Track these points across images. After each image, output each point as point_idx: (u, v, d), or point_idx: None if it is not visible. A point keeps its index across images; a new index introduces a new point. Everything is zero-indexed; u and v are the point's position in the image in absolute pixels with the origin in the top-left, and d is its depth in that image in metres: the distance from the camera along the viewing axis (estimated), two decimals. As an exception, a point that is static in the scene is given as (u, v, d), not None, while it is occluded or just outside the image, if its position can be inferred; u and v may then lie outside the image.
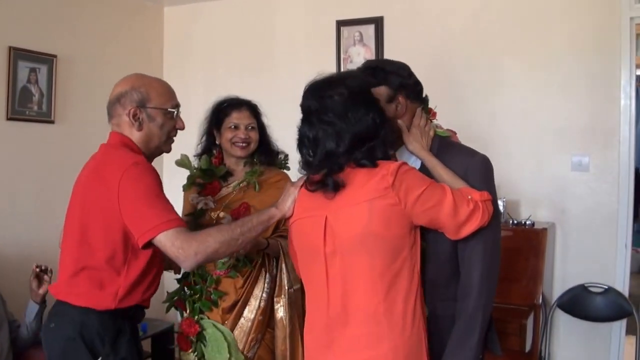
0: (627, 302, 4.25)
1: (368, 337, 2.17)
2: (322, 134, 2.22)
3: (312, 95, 2.29)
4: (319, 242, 2.23)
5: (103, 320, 2.43)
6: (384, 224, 2.16)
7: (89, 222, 2.45)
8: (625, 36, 4.28)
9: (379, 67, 2.52)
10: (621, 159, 4.31)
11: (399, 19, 4.95)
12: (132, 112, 2.53)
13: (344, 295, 2.20)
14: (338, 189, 2.19)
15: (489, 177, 2.46)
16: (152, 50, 5.81)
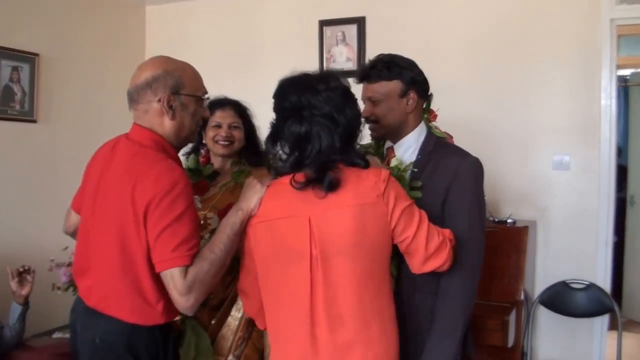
0: (608, 298, 4.30)
1: (361, 342, 2.13)
2: (316, 129, 2.14)
3: (303, 89, 2.19)
4: (303, 245, 2.12)
5: (152, 336, 2.30)
6: (375, 229, 2.15)
7: (128, 230, 2.23)
8: (606, 37, 4.33)
9: (393, 62, 2.56)
10: (602, 158, 4.36)
11: (381, 19, 4.99)
12: (165, 99, 2.30)
13: (328, 300, 2.11)
14: (333, 188, 2.11)
15: (478, 179, 2.54)
16: (135, 50, 5.79)
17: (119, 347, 2.26)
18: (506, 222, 4.28)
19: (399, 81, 2.54)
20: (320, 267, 2.11)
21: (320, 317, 2.12)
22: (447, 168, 2.50)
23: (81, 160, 4.85)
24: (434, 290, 2.45)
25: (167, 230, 2.15)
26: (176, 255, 2.14)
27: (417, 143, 2.62)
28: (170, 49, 5.60)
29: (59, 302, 3.95)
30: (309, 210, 2.13)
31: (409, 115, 2.59)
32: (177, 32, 5.78)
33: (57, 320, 4.24)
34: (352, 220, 2.11)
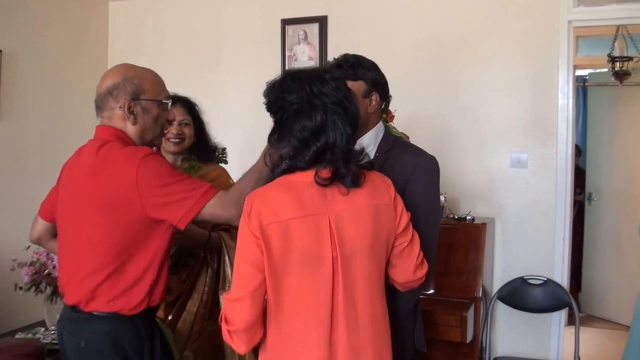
0: (565, 294, 4.37)
1: (373, 342, 2.13)
2: (332, 118, 2.07)
3: (312, 80, 2.11)
4: (323, 246, 2.04)
5: (136, 329, 2.37)
6: (386, 231, 2.17)
7: (106, 222, 2.31)
8: (563, 39, 4.41)
9: (358, 63, 2.61)
10: (559, 156, 4.44)
11: (342, 18, 5.02)
12: (126, 105, 2.40)
13: (348, 303, 2.07)
14: (356, 184, 2.09)
15: (434, 176, 2.63)
16: (98, 45, 5.75)
17: (104, 348, 2.32)
18: (465, 219, 4.34)
19: (363, 82, 2.59)
20: (341, 269, 2.06)
21: (340, 320, 2.07)
22: (404, 166, 2.58)
23: (45, 158, 4.90)
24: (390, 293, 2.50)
25: (173, 190, 2.28)
26: (202, 192, 2.29)
27: (376, 142, 2.69)
28: (133, 45, 5.68)
29: (22, 302, 3.95)
30: (328, 208, 2.07)
31: (370, 115, 2.64)
32: (140, 28, 5.75)
33: (20, 321, 4.21)
34: (370, 221, 2.11)
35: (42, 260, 3.71)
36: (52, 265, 3.66)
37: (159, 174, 2.28)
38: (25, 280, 3.71)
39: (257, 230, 1.99)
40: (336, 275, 2.05)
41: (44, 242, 2.76)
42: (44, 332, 3.85)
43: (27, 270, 3.71)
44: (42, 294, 3.76)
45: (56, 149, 4.99)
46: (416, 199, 2.50)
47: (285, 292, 2.03)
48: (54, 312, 3.74)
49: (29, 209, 2.79)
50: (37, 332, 3.85)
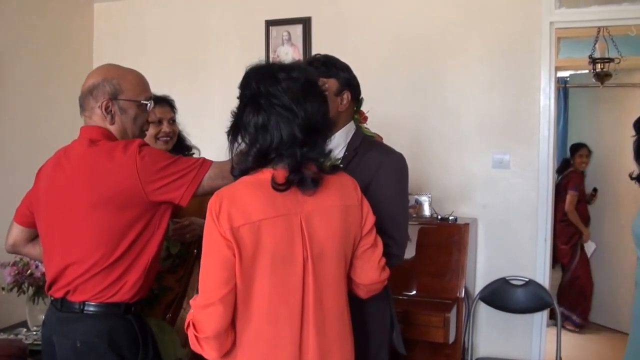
0: (547, 294, 4.39)
1: (340, 343, 2.15)
2: (275, 119, 2.02)
3: (263, 77, 2.08)
4: (294, 246, 2.03)
5: (130, 327, 2.42)
6: (353, 232, 2.18)
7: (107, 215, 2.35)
8: (545, 40, 4.42)
9: (330, 62, 2.64)
10: (541, 157, 4.46)
11: (326, 19, 5.01)
12: (104, 105, 2.44)
13: (317, 304, 2.06)
14: (317, 185, 2.06)
15: (402, 174, 2.62)
16: (82, 47, 5.71)
17: (101, 346, 2.34)
18: (448, 219, 4.35)
19: (335, 80, 2.62)
20: (311, 270, 2.05)
21: (310, 322, 2.06)
22: (370, 163, 2.58)
23: (25, 158, 4.85)
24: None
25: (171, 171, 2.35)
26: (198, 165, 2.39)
27: (346, 141, 2.69)
28: (118, 46, 5.66)
29: (4, 302, 3.93)
30: (299, 208, 2.05)
31: (341, 113, 2.65)
32: (124, 30, 5.72)
33: (1, 321, 4.18)
34: (339, 221, 2.12)
35: (25, 260, 3.70)
36: (35, 266, 3.65)
37: (155, 160, 2.34)
38: (8, 280, 3.70)
39: (227, 232, 1.93)
40: (306, 276, 2.04)
41: (20, 248, 2.75)
42: (26, 332, 3.84)
43: (9, 271, 3.70)
44: (24, 295, 3.75)
45: (39, 150, 4.94)
46: (380, 196, 2.49)
47: (256, 294, 2.00)
48: (36, 313, 3.73)
49: (11, 209, 2.77)
50: (19, 333, 3.83)
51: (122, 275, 2.39)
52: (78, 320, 2.39)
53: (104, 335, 2.35)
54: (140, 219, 2.38)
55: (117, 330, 2.38)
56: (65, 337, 2.41)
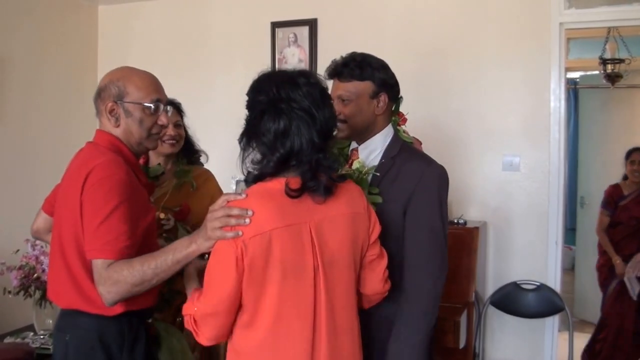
0: (559, 299, 4.34)
1: (352, 352, 2.16)
2: (296, 124, 2.00)
3: (282, 82, 2.05)
4: (305, 255, 2.00)
5: (120, 327, 2.35)
6: (361, 239, 2.16)
7: (75, 219, 2.28)
8: (555, 41, 4.39)
9: (366, 62, 2.54)
10: (551, 159, 4.41)
11: (332, 21, 4.99)
12: (108, 107, 2.40)
13: (329, 312, 2.05)
14: (330, 192, 2.05)
15: (442, 186, 2.51)
16: (87, 50, 5.70)
17: (89, 341, 2.31)
18: (457, 222, 4.30)
19: (370, 82, 2.51)
20: (322, 279, 2.03)
21: (322, 331, 2.04)
22: (410, 175, 2.47)
23: (33, 162, 4.85)
24: (389, 299, 2.46)
25: (102, 222, 2.20)
26: (104, 248, 2.18)
27: (383, 146, 2.58)
28: (123, 49, 5.64)
29: (11, 306, 3.91)
30: (308, 217, 2.03)
31: (378, 117, 2.56)
32: (129, 32, 5.72)
33: (8, 325, 4.17)
34: (348, 229, 2.10)
35: (31, 264, 3.68)
36: (42, 269, 3.62)
37: (102, 203, 2.21)
38: (14, 284, 3.67)
39: (239, 243, 1.91)
40: (318, 285, 2.02)
41: (42, 235, 2.81)
42: (33, 336, 3.81)
43: (16, 274, 3.67)
44: (31, 298, 3.72)
45: (47, 154, 4.97)
46: (422, 211, 2.44)
47: (266, 303, 1.97)
48: (43, 316, 3.71)
49: (17, 213, 2.77)
50: (25, 337, 3.81)
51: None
52: (70, 315, 2.37)
53: (94, 331, 2.32)
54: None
55: (107, 328, 2.34)
56: (59, 331, 2.41)
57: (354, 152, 2.65)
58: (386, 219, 2.37)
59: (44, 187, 2.65)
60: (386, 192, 2.46)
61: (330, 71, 2.58)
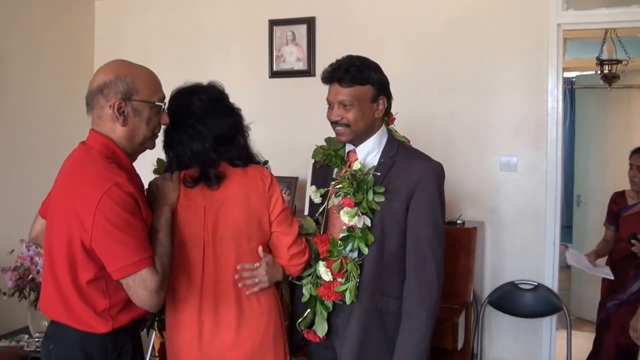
0: (556, 298, 4.33)
1: (237, 320, 2.45)
2: (185, 137, 2.45)
3: (177, 101, 2.53)
4: (197, 231, 2.43)
5: (105, 341, 2.29)
6: (261, 215, 2.48)
7: (71, 237, 2.20)
8: (552, 41, 4.38)
9: (365, 66, 2.58)
10: (549, 159, 4.41)
11: (330, 19, 4.97)
12: (116, 106, 2.27)
13: (216, 279, 2.45)
14: (219, 181, 2.44)
15: (441, 182, 2.64)
16: (83, 45, 5.65)
17: (71, 351, 2.27)
18: (455, 222, 4.29)
19: (370, 86, 2.57)
20: (211, 250, 2.43)
21: (208, 294, 2.43)
22: (411, 173, 2.56)
23: (27, 162, 4.81)
24: (397, 295, 2.51)
25: (117, 237, 2.14)
26: (139, 258, 2.15)
27: (380, 146, 2.67)
28: (119, 45, 5.61)
29: (5, 308, 3.88)
30: (204, 200, 2.44)
31: (377, 120, 2.63)
32: (125, 28, 5.67)
33: (2, 327, 4.14)
34: (241, 208, 2.45)
35: (26, 265, 3.65)
36: (36, 271, 3.60)
37: (117, 213, 2.14)
38: (9, 285, 3.65)
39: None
40: (207, 255, 2.43)
41: (41, 241, 2.62)
42: (28, 339, 3.79)
43: (10, 275, 3.65)
44: (26, 300, 3.70)
45: (39, 152, 4.94)
46: (423, 206, 2.54)
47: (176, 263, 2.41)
48: (38, 319, 3.68)
49: (11, 213, 2.74)
50: (20, 340, 3.79)
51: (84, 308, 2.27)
52: (57, 325, 2.32)
53: (77, 342, 2.26)
54: (86, 254, 2.22)
55: (90, 342, 2.27)
56: (46, 339, 2.38)
57: (351, 154, 2.71)
58: (390, 216, 2.54)
59: (39, 187, 2.60)
60: (389, 190, 2.55)
61: (329, 76, 2.63)
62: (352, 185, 2.55)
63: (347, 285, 2.55)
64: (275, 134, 4.86)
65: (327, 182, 2.75)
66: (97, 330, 2.26)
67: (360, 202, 2.54)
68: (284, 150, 4.63)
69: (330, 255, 2.59)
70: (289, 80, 5.11)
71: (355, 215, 2.53)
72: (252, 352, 2.46)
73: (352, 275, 2.54)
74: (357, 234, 2.55)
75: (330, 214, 2.72)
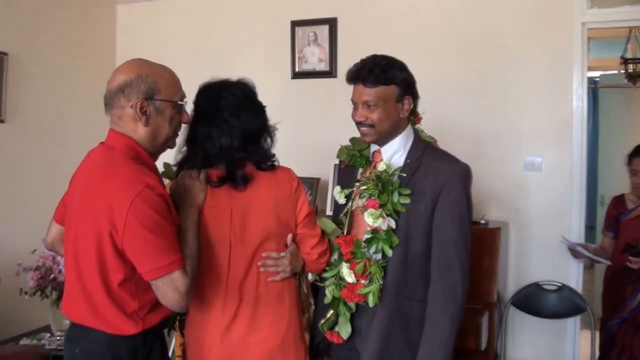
0: (580, 299, 4.31)
1: (260, 320, 2.47)
2: (215, 131, 2.41)
3: (207, 94, 2.53)
4: (224, 231, 2.41)
5: (134, 342, 2.27)
6: (288, 217, 2.50)
7: (102, 239, 2.17)
8: (577, 40, 4.35)
9: (389, 65, 2.55)
10: (573, 159, 4.38)
11: (352, 20, 4.97)
12: (139, 105, 2.24)
13: (240, 279, 2.46)
14: (246, 182, 2.42)
15: (468, 184, 2.59)
16: (105, 49, 5.70)
17: (98, 355, 2.24)
18: (479, 223, 4.26)
19: (395, 86, 2.53)
20: (237, 251, 2.42)
21: (233, 294, 2.44)
22: (437, 174, 2.52)
23: (50, 161, 4.87)
24: (421, 298, 2.49)
25: (149, 239, 2.13)
26: (170, 260, 2.15)
27: (405, 147, 2.63)
28: (141, 48, 5.62)
29: (27, 307, 3.89)
30: (231, 201, 2.42)
31: (402, 120, 2.59)
32: (147, 31, 5.71)
33: (24, 326, 4.16)
34: (270, 212, 2.45)
35: (47, 264, 3.67)
36: (58, 270, 3.61)
37: (149, 216, 2.13)
38: (31, 284, 3.66)
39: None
40: (233, 256, 2.43)
41: (58, 247, 2.62)
42: (49, 337, 3.80)
43: (32, 275, 3.66)
44: (47, 299, 3.71)
45: (61, 152, 4.98)
46: (449, 208, 2.50)
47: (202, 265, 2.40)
48: (60, 318, 3.70)
49: (34, 212, 2.74)
50: (42, 338, 3.80)
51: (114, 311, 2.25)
52: (82, 329, 2.28)
53: (106, 347, 2.24)
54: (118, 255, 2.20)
55: (119, 345, 2.25)
56: (70, 343, 2.33)
57: (376, 154, 2.67)
58: (415, 218, 2.50)
59: (61, 187, 2.59)
60: (414, 192, 2.52)
61: (353, 76, 2.60)
62: (377, 186, 2.53)
63: (370, 287, 2.51)
64: (297, 134, 4.85)
65: (351, 183, 2.73)
66: (127, 332, 2.25)
67: (385, 204, 2.51)
68: (305, 151, 4.63)
69: (353, 256, 2.56)
70: (311, 81, 5.11)
71: (380, 217, 2.50)
72: (273, 351, 2.47)
73: (376, 278, 2.51)
74: (381, 236, 2.52)
75: (354, 215, 2.69)
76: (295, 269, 2.57)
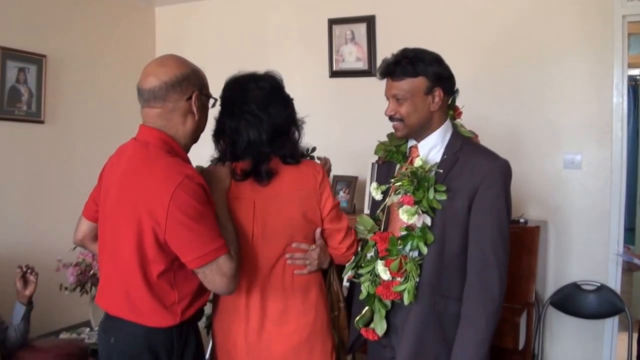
0: (619, 300, 4.24)
1: (284, 314, 2.50)
2: (243, 124, 2.41)
3: (235, 88, 2.49)
4: (247, 223, 2.43)
5: (171, 334, 2.31)
6: (313, 212, 2.51)
7: (142, 232, 2.21)
8: (617, 34, 4.26)
9: (417, 57, 2.51)
10: (614, 157, 4.30)
11: (390, 17, 4.95)
12: (195, 97, 2.30)
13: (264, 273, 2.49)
14: (270, 177, 2.43)
15: (507, 181, 2.52)
16: (144, 51, 5.77)
17: (135, 346, 2.28)
18: (518, 221, 4.20)
19: (424, 78, 2.48)
20: (260, 243, 2.44)
21: (255, 287, 2.46)
22: (476, 170, 2.46)
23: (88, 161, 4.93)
24: (457, 296, 2.46)
25: (193, 228, 2.17)
26: (215, 247, 2.19)
27: (443, 142, 2.58)
28: (180, 49, 5.57)
29: (66, 302, 3.96)
30: (254, 195, 2.44)
31: (434, 113, 2.54)
32: (186, 33, 5.78)
33: (64, 321, 4.23)
34: (295, 206, 2.46)
35: (87, 261, 3.72)
36: (97, 266, 3.65)
37: (191, 205, 2.17)
38: (71, 280, 3.71)
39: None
40: (256, 248, 2.44)
41: (87, 244, 2.67)
42: (89, 332, 3.86)
43: (72, 271, 3.71)
44: (87, 295, 3.76)
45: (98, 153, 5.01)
46: (487, 206, 2.44)
47: None
48: (99, 313, 3.73)
49: (74, 210, 2.75)
50: (81, 332, 3.86)
51: (153, 304, 2.29)
52: (116, 319, 2.33)
53: (142, 338, 2.27)
54: (159, 247, 2.25)
55: (155, 335, 2.29)
56: (105, 333, 2.37)
57: (413, 150, 2.64)
58: (452, 215, 2.44)
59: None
60: (451, 189, 2.46)
61: (382, 71, 2.59)
62: (412, 182, 2.48)
63: (405, 285, 2.48)
64: (335, 133, 4.86)
65: (389, 179, 2.69)
66: (164, 324, 2.28)
67: (420, 201, 2.47)
68: (343, 149, 4.63)
69: (389, 254, 2.53)
70: (349, 79, 5.10)
71: (415, 214, 2.46)
72: (299, 345, 2.49)
73: (411, 275, 2.47)
74: (417, 233, 2.47)
75: (391, 212, 2.66)
76: (322, 263, 2.58)
